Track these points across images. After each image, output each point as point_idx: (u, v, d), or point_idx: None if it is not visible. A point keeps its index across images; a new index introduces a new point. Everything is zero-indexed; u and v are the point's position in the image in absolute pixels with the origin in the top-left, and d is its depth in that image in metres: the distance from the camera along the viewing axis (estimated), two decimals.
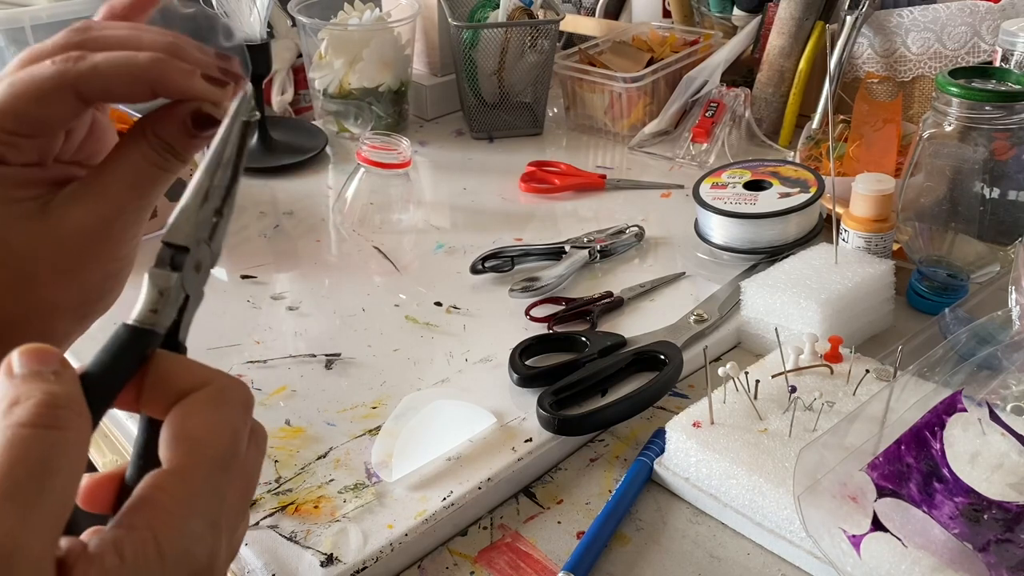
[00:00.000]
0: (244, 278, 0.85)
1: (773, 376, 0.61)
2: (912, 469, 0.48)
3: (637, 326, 0.74)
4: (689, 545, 0.55)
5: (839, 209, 0.77)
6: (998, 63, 0.85)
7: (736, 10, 1.20)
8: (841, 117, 1.00)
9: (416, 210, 0.97)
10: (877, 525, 0.47)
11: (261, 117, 1.09)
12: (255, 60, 1.05)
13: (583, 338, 0.71)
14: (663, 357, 0.68)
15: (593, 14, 1.37)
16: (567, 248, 0.85)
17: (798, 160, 0.97)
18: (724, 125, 1.09)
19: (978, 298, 0.71)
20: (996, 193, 0.76)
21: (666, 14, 1.30)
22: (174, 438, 0.30)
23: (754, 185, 0.86)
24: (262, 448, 0.34)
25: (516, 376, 0.67)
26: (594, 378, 0.66)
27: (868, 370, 0.62)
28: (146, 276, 0.32)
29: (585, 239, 0.87)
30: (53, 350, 0.29)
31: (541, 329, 0.75)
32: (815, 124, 1.03)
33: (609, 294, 0.79)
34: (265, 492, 0.58)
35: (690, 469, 0.57)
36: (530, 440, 0.61)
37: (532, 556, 0.54)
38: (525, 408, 0.64)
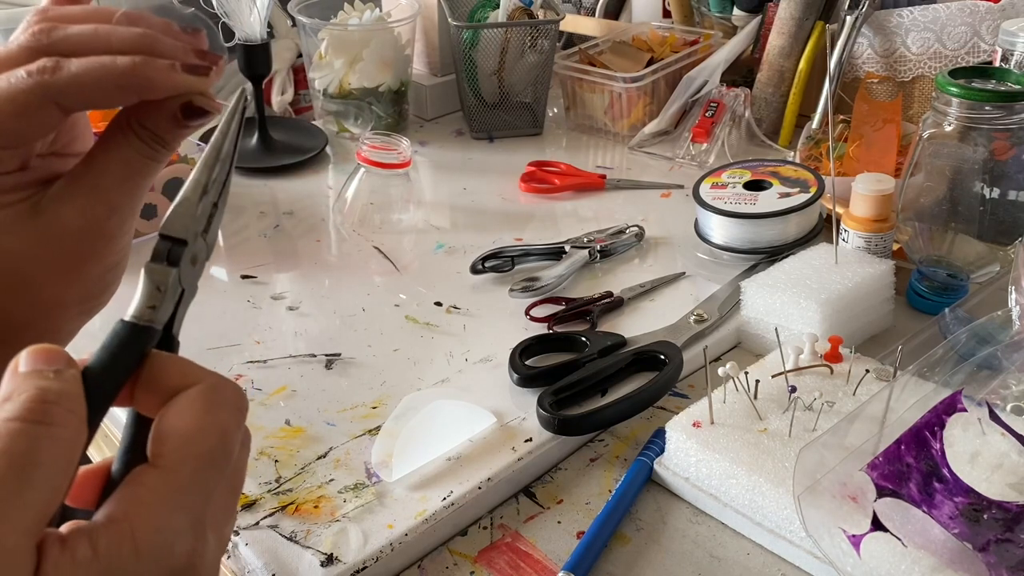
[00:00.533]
0: (244, 278, 0.85)
1: (773, 376, 0.61)
2: (912, 469, 0.48)
3: (637, 326, 0.74)
4: (689, 545, 0.55)
5: (839, 209, 0.77)
6: (998, 63, 0.85)
7: (736, 10, 1.20)
8: (841, 117, 1.00)
9: (416, 210, 0.97)
10: (877, 525, 0.47)
11: (261, 117, 1.09)
12: (255, 60, 1.05)
13: (583, 338, 0.71)
14: (663, 357, 0.68)
15: (593, 14, 1.37)
16: (567, 248, 0.85)
17: (798, 160, 0.97)
18: (724, 125, 1.09)
19: (978, 298, 0.71)
20: (996, 193, 0.76)
21: (666, 14, 1.30)
22: (161, 434, 0.29)
23: (754, 185, 0.86)
24: (247, 447, 0.34)
25: (516, 376, 0.67)
26: (594, 378, 0.66)
27: (868, 370, 0.62)
28: (142, 271, 0.32)
29: (585, 239, 0.87)
30: (59, 350, 0.29)
31: (541, 329, 0.75)
32: (815, 124, 1.03)
33: (609, 294, 0.79)
34: (265, 492, 0.58)
35: (690, 469, 0.57)
36: (530, 440, 0.61)
37: (532, 556, 0.54)
38: (525, 408, 0.64)
